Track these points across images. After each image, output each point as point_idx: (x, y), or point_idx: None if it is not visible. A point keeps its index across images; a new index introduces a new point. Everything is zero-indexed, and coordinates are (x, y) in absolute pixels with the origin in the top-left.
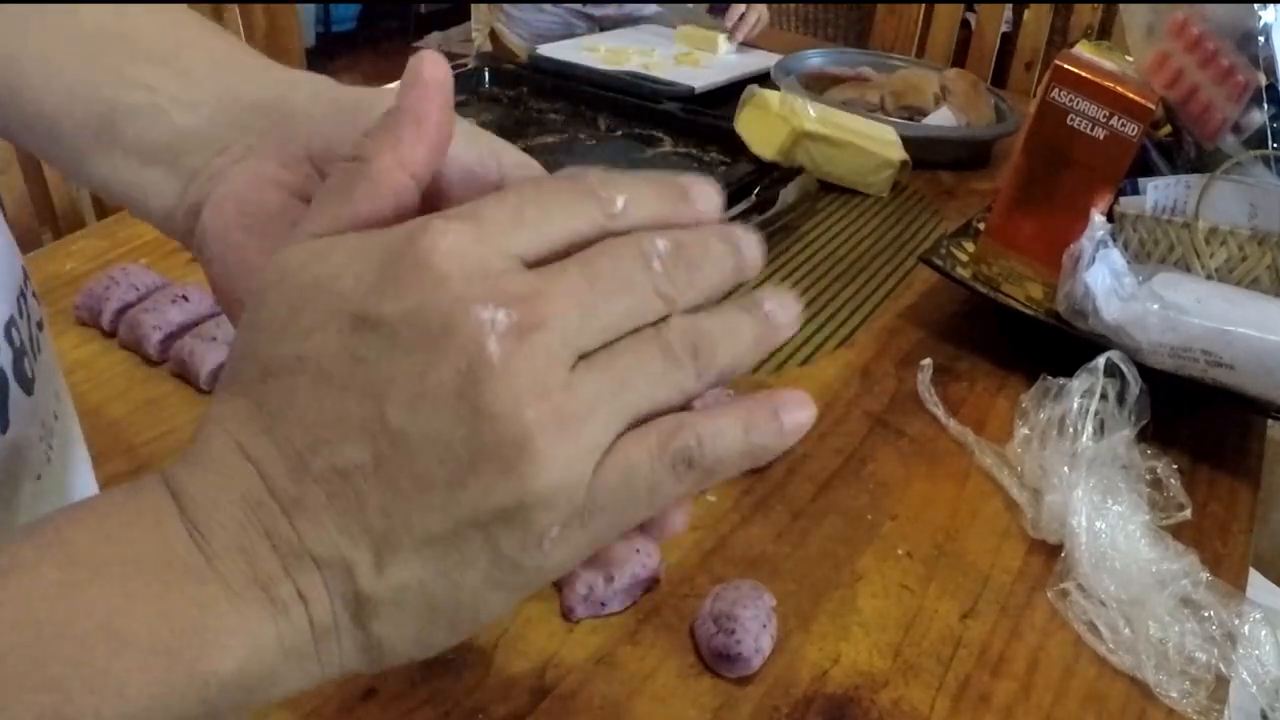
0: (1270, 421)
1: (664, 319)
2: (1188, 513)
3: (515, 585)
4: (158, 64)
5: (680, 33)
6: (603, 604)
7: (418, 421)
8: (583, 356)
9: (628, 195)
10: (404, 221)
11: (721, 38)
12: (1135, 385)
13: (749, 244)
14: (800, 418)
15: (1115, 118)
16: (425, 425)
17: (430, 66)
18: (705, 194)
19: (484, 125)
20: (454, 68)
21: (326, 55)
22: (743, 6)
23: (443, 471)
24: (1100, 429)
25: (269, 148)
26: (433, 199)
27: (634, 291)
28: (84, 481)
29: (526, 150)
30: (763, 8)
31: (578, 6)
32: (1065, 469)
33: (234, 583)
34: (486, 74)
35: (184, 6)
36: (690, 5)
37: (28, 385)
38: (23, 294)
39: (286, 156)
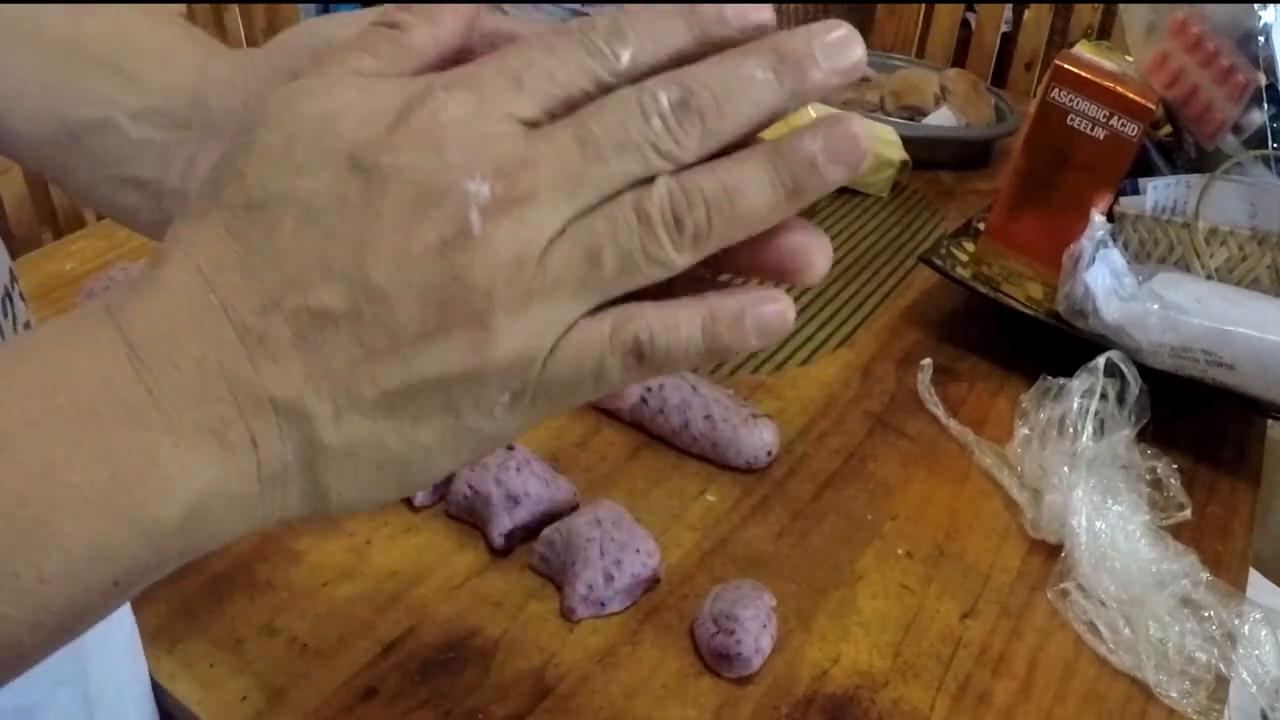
0: (1270, 421)
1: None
2: (1188, 513)
3: (464, 446)
4: (108, 71)
5: None
6: (603, 604)
7: (396, 279)
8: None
9: (636, 44)
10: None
11: None
12: (1135, 385)
13: (823, 46)
14: (769, 314)
15: (1115, 118)
16: (403, 283)
17: None
18: (742, 11)
19: None
20: None
21: None
22: None
23: (411, 330)
24: (1100, 429)
25: (217, 137)
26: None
27: (629, 153)
28: None
29: None
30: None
31: (577, 6)
32: (1065, 469)
33: (181, 425)
34: None
35: (150, 12)
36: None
37: None
38: (9, 296)
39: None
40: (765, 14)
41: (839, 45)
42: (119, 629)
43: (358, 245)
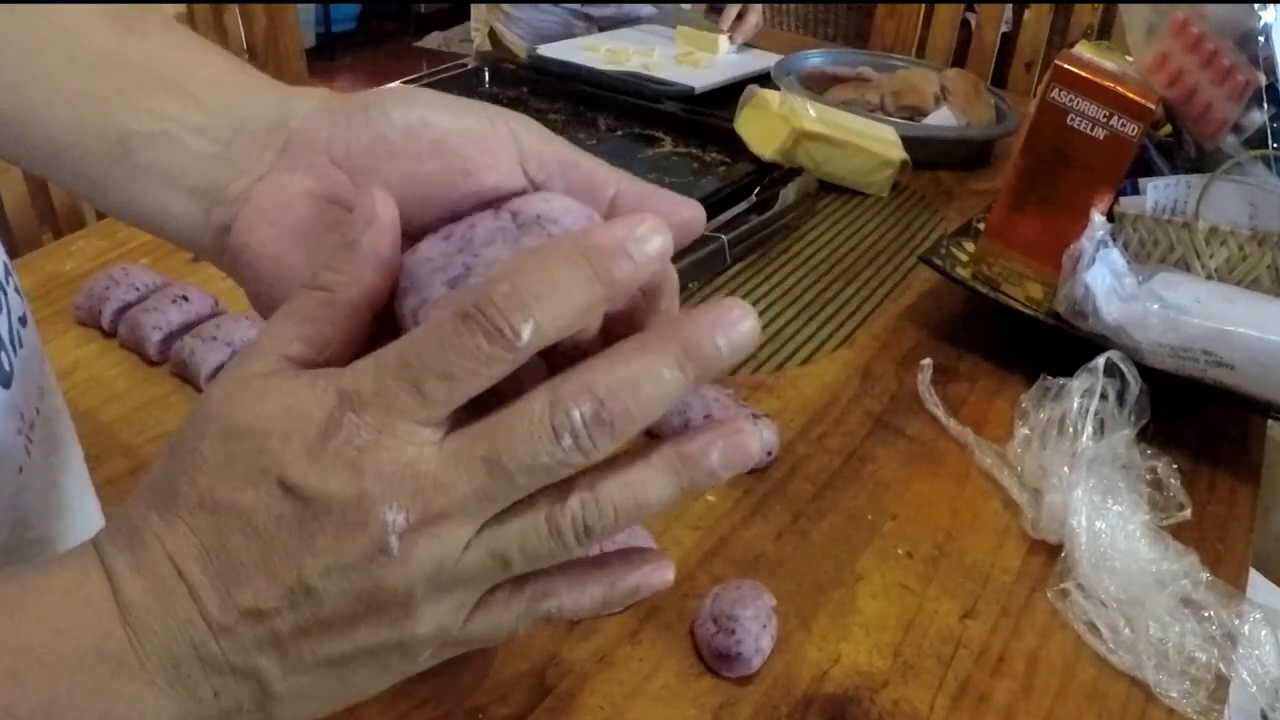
0: (1270, 421)
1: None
2: (1188, 513)
3: (396, 677)
4: (166, 90)
5: (681, 33)
6: None
7: (329, 585)
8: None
9: (537, 315)
10: (349, 344)
11: (723, 39)
12: (1135, 385)
13: (726, 338)
14: (653, 580)
15: (1115, 118)
16: (335, 588)
17: (383, 206)
18: (651, 248)
19: None
20: (454, 68)
21: (326, 55)
22: (738, 7)
23: (346, 619)
24: (1100, 429)
25: (289, 161)
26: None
27: (538, 474)
28: (75, 480)
29: None
30: (759, 10)
31: (577, 6)
32: (1065, 469)
33: (159, 680)
34: (486, 74)
35: (183, 29)
36: (686, 6)
37: (5, 379)
38: (2, 289)
39: (308, 164)
40: (663, 244)
41: (737, 323)
42: None
43: (295, 555)
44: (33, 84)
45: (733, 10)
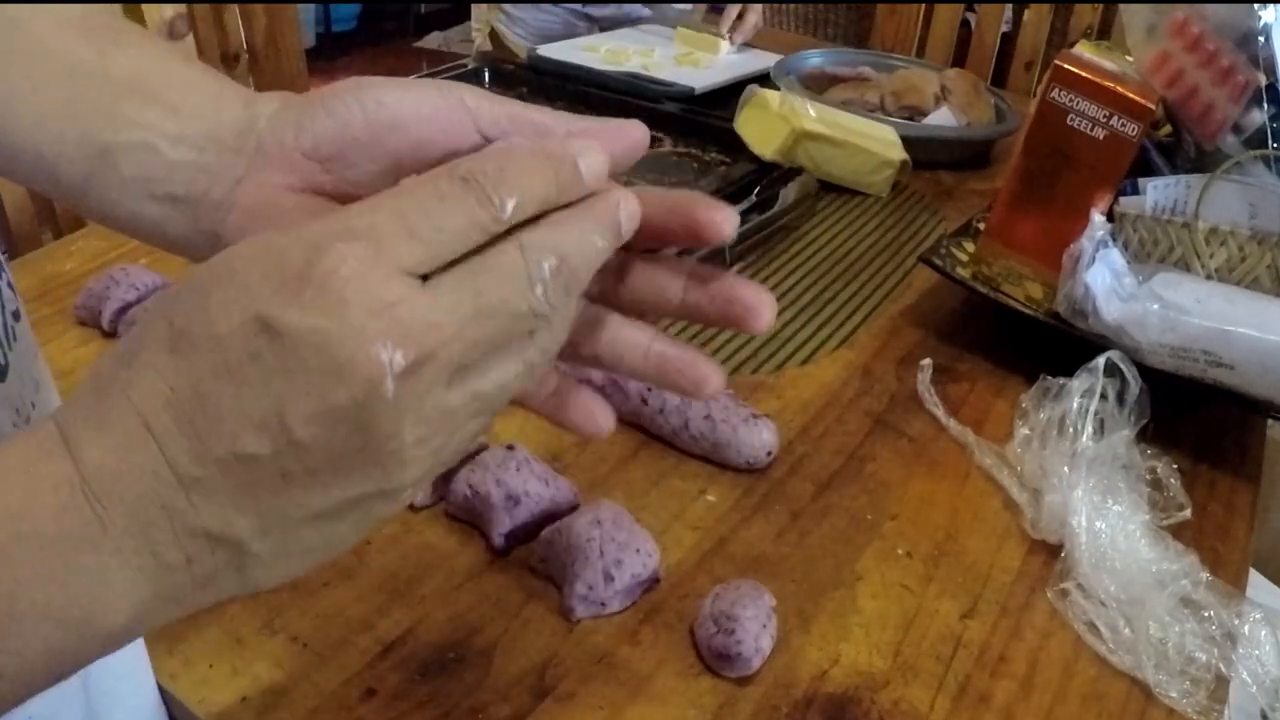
0: (1270, 421)
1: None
2: (1188, 513)
3: (374, 523)
4: (144, 101)
5: (681, 34)
6: (603, 604)
7: (315, 432)
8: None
9: (517, 195)
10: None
11: (723, 42)
12: (1135, 385)
13: (626, 215)
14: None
15: (1115, 118)
16: (322, 435)
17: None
18: (592, 162)
19: None
20: (454, 68)
21: (326, 55)
22: (737, 8)
23: (331, 469)
24: (1100, 429)
25: (262, 161)
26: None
27: (515, 319)
28: None
29: None
30: (759, 10)
31: (577, 6)
32: (1065, 469)
33: (127, 551)
34: (486, 74)
35: (155, 39)
36: (686, 7)
37: (1, 373)
38: None
39: (281, 161)
40: (602, 163)
41: (632, 201)
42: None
43: (276, 402)
44: (12, 97)
45: (733, 11)
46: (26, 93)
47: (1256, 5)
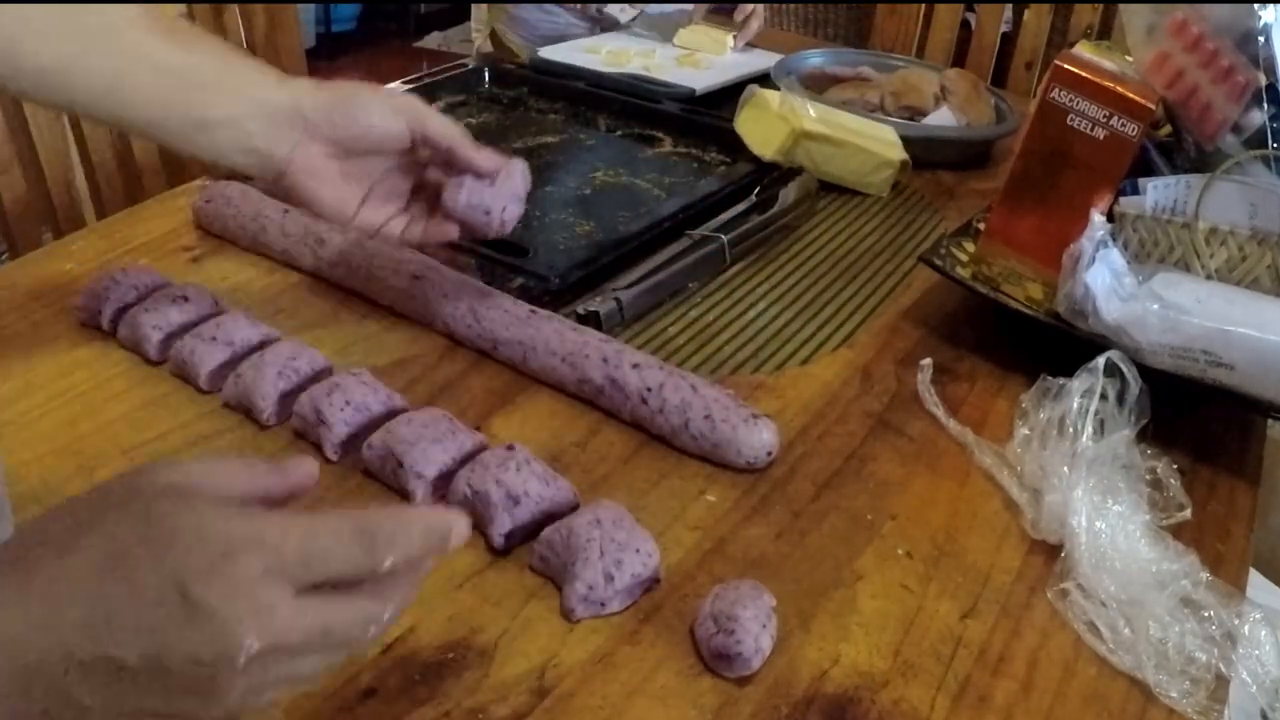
0: (1270, 421)
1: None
2: (1188, 513)
3: None
4: (216, 89)
5: (682, 35)
6: (603, 604)
7: (184, 668)
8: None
9: (396, 557)
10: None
11: (729, 39)
12: (1135, 385)
13: (456, 537)
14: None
15: (1115, 118)
16: (185, 672)
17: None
18: (460, 533)
19: (483, 126)
20: (454, 68)
21: (326, 55)
22: (750, 7)
23: (178, 691)
24: (1100, 429)
25: (308, 138)
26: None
27: (350, 645)
28: None
29: (525, 150)
30: (761, 13)
31: (576, 7)
32: (1065, 469)
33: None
34: (486, 74)
35: (216, 39)
36: (688, 8)
37: None
38: None
39: (320, 137)
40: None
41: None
42: None
43: (161, 635)
44: (131, 88)
45: (746, 9)
46: (134, 88)
47: (1256, 5)
